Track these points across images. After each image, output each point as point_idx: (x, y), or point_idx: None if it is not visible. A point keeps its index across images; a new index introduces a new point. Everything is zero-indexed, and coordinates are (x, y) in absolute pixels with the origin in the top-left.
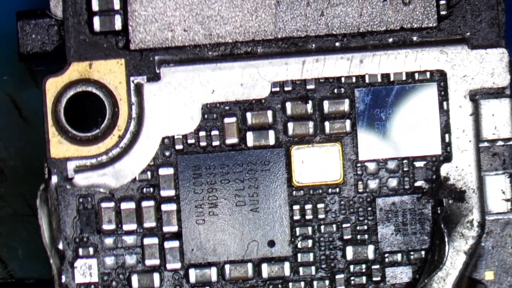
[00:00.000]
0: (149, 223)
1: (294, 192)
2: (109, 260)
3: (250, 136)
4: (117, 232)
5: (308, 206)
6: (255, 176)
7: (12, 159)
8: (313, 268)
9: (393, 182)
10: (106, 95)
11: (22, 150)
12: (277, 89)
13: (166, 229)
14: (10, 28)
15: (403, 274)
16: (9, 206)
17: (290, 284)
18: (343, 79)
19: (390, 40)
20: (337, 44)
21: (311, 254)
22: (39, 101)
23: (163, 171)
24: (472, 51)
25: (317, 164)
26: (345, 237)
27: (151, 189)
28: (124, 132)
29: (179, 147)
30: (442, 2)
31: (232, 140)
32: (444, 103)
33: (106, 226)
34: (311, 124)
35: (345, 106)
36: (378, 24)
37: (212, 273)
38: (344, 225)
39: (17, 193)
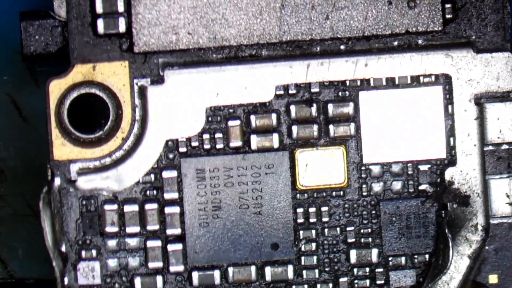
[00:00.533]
0: (152, 226)
1: (298, 195)
2: (112, 263)
3: (254, 139)
4: (120, 235)
5: (312, 209)
6: (259, 179)
7: (12, 159)
8: (316, 271)
9: (397, 186)
10: (109, 97)
11: (22, 150)
12: (282, 92)
13: (169, 231)
14: (10, 28)
15: (407, 277)
16: (9, 206)
17: (294, 287)
18: (347, 82)
19: (395, 43)
20: (342, 47)
21: (315, 257)
22: (39, 101)
23: (166, 174)
24: (477, 55)
25: (321, 167)
26: (349, 240)
27: (155, 192)
28: (127, 134)
29: (182, 149)
30: (447, 6)
31: (236, 143)
32: (449, 106)
33: (109, 229)
34: (315, 127)
35: (350, 109)
36: (383, 27)
37: (216, 275)
38: (348, 228)
39: (17, 193)
